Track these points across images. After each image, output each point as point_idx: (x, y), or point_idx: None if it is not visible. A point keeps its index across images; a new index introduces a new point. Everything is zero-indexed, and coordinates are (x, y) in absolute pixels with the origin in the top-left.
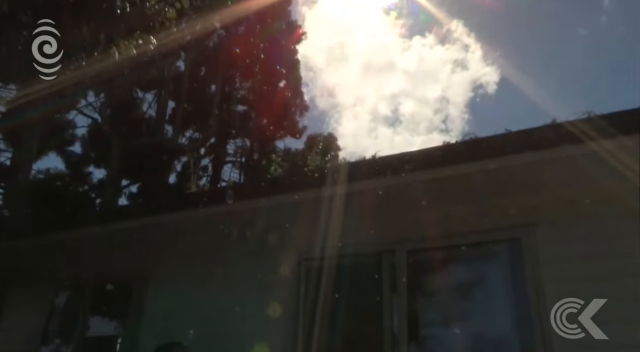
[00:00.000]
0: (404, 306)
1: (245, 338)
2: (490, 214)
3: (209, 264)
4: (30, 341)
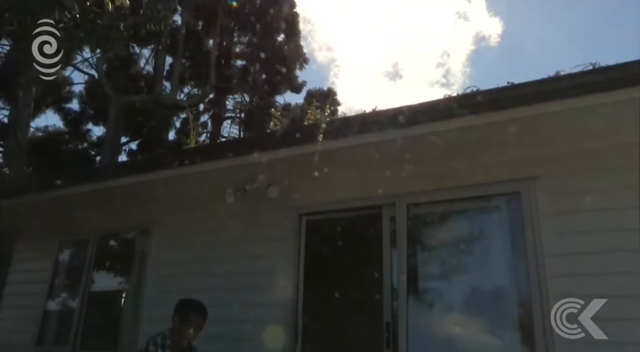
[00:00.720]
0: (403, 259)
1: (246, 290)
2: (490, 168)
3: (210, 218)
4: (36, 296)
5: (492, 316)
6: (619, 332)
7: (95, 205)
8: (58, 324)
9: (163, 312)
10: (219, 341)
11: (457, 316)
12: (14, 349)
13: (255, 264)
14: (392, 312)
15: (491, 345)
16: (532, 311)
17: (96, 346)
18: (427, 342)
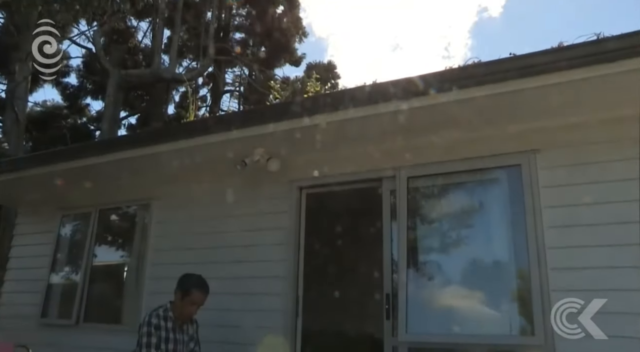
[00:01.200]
0: (403, 231)
1: (247, 262)
2: (491, 140)
3: (210, 191)
4: (39, 270)
5: (491, 288)
6: (616, 303)
7: (96, 179)
8: (62, 297)
9: (165, 284)
10: (221, 313)
11: (456, 287)
12: (20, 321)
13: (256, 237)
14: (392, 284)
15: (489, 316)
16: (530, 282)
17: (99, 318)
18: (426, 314)
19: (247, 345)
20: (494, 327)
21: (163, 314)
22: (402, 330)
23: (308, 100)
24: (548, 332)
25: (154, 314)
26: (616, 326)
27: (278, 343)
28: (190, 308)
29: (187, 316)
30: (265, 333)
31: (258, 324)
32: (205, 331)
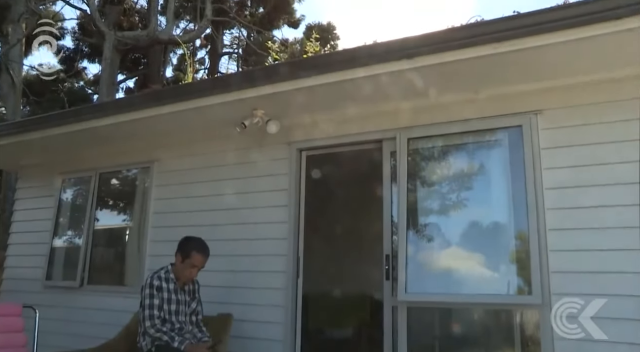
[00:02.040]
0: (403, 193)
1: (248, 224)
2: (492, 101)
3: (210, 153)
4: (42, 233)
5: (490, 249)
6: (615, 262)
7: (95, 142)
8: (65, 260)
9: (166, 247)
10: (222, 274)
11: (455, 249)
12: (25, 284)
13: (256, 200)
14: (392, 245)
15: (488, 276)
16: (528, 243)
17: (103, 280)
18: (425, 275)
19: (249, 305)
20: (492, 287)
21: (164, 275)
22: (401, 290)
23: (307, 61)
24: (545, 292)
25: (155, 276)
26: (614, 284)
27: (279, 303)
28: (190, 271)
29: (188, 278)
30: (267, 294)
31: (260, 285)
32: (207, 291)
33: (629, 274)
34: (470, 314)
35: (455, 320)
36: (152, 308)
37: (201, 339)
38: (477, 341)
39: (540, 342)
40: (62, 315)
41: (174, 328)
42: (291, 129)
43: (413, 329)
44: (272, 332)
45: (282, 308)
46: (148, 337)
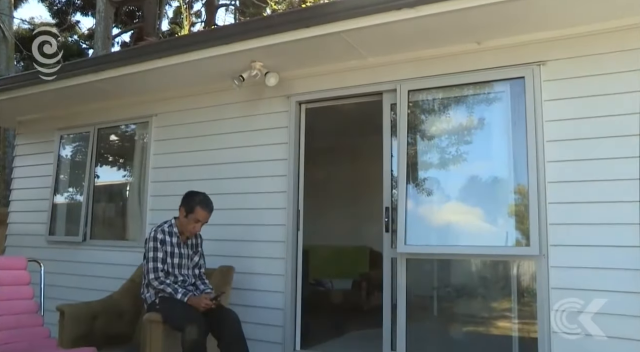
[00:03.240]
0: (403, 146)
1: (247, 178)
2: (494, 52)
3: (209, 107)
4: (42, 190)
5: (489, 202)
6: (613, 216)
7: (92, 98)
8: (68, 216)
9: (166, 201)
10: (224, 228)
11: (454, 202)
12: (29, 239)
13: (256, 153)
14: (392, 198)
15: (487, 229)
16: (528, 195)
17: (105, 235)
18: (425, 227)
19: (251, 258)
20: (491, 239)
21: (168, 229)
22: (400, 242)
23: (306, 11)
24: (543, 243)
25: (159, 230)
26: (611, 236)
27: (280, 256)
28: (194, 225)
29: (191, 232)
30: (268, 247)
31: (260, 238)
32: (209, 245)
33: (629, 226)
34: (468, 266)
35: (453, 272)
36: (156, 261)
37: (204, 291)
38: (474, 292)
39: (536, 292)
40: (66, 269)
41: (177, 281)
42: (290, 82)
43: (412, 281)
44: (274, 284)
45: (282, 260)
46: (151, 289)
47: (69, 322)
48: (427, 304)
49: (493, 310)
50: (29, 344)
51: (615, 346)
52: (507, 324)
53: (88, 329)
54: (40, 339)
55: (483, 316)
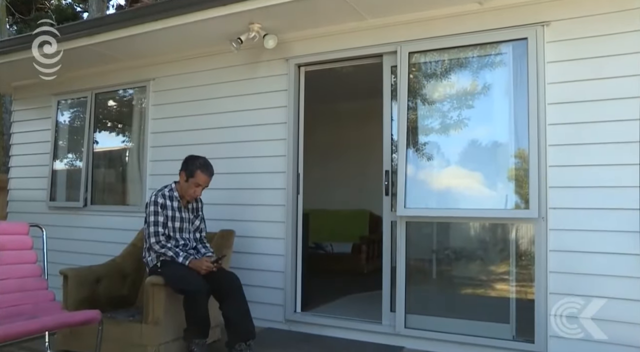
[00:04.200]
0: (403, 110)
1: (247, 142)
2: (497, 12)
3: (207, 71)
4: (42, 156)
5: (490, 167)
6: (613, 178)
7: (88, 62)
8: (68, 182)
9: (166, 166)
10: (225, 192)
11: (454, 166)
12: (30, 205)
13: (255, 117)
14: (392, 162)
15: (487, 193)
16: (528, 158)
17: (106, 200)
18: (425, 191)
19: (251, 222)
20: (490, 202)
21: (168, 193)
22: (400, 205)
23: None
24: (542, 206)
25: (159, 194)
26: (611, 198)
27: (280, 219)
28: (195, 190)
29: (192, 196)
30: (268, 210)
31: (261, 202)
32: (210, 209)
33: (629, 189)
34: (468, 229)
35: (452, 235)
36: (157, 225)
37: (205, 255)
38: (473, 255)
39: (534, 255)
40: (67, 234)
41: (178, 244)
42: (289, 44)
43: (411, 243)
44: (274, 247)
45: (283, 224)
46: (153, 253)
47: (72, 285)
48: (426, 266)
49: (491, 273)
50: (34, 306)
51: (611, 306)
52: (504, 287)
53: (91, 293)
54: (45, 302)
55: (481, 278)
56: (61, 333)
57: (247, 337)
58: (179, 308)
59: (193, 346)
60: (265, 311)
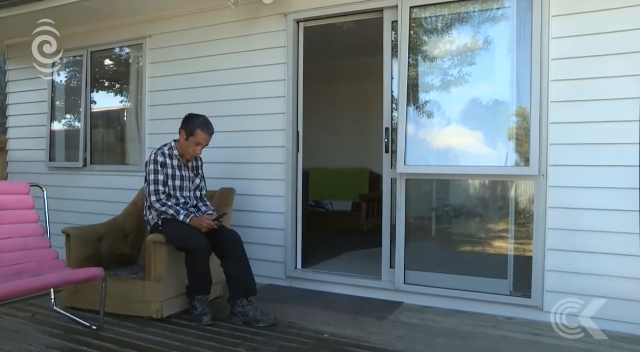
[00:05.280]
0: (404, 67)
1: (246, 100)
2: None
3: (205, 28)
4: (39, 116)
5: (491, 125)
6: (614, 135)
7: (83, 19)
8: (67, 143)
9: (165, 125)
10: (225, 151)
11: (455, 124)
12: (30, 166)
13: (254, 74)
14: (392, 120)
15: (487, 150)
16: (530, 115)
17: (105, 160)
18: (425, 149)
19: (251, 180)
20: (491, 160)
21: (168, 152)
22: (400, 162)
23: None
24: (542, 163)
25: (159, 153)
26: (612, 155)
27: (280, 178)
28: (195, 148)
29: (192, 155)
30: (268, 169)
31: (261, 160)
32: (210, 168)
33: (629, 146)
34: (467, 188)
35: (452, 193)
36: (157, 184)
37: (206, 213)
38: (473, 213)
39: (533, 212)
40: (68, 195)
41: (178, 203)
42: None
43: (411, 201)
44: (274, 205)
45: (283, 182)
46: (154, 211)
47: (75, 244)
48: (426, 224)
49: (490, 230)
50: (39, 264)
51: (605, 260)
52: (503, 244)
53: (94, 251)
54: (49, 261)
55: (480, 236)
56: (66, 291)
57: (248, 293)
58: (181, 265)
59: (195, 302)
60: (267, 268)
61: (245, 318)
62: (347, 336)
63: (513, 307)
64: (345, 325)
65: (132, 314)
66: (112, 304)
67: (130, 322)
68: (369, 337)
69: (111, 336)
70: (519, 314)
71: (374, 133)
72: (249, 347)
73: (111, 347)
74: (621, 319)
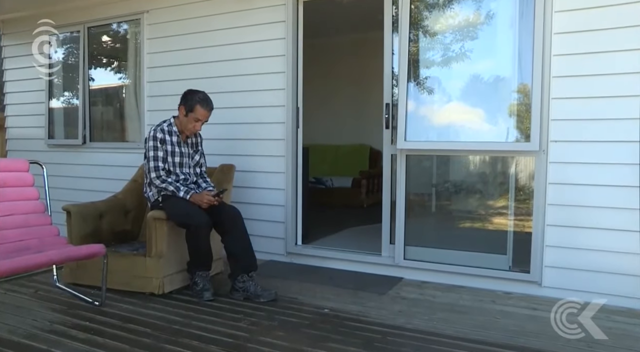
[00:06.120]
0: (405, 43)
1: (245, 75)
2: None
3: (202, 1)
4: (37, 93)
5: (492, 100)
6: (615, 111)
7: None
8: (65, 120)
9: (163, 101)
10: (225, 127)
11: (455, 101)
12: (29, 143)
13: (253, 50)
14: (392, 96)
15: (487, 127)
16: (531, 90)
17: (104, 137)
18: (425, 125)
19: (251, 156)
20: (491, 135)
21: (167, 128)
22: (400, 138)
23: None
24: (543, 139)
25: (158, 129)
26: (612, 130)
27: (280, 154)
28: (194, 124)
29: (191, 131)
30: (268, 144)
31: (260, 136)
32: (209, 144)
33: (631, 121)
34: (467, 164)
35: (452, 169)
36: (157, 160)
37: (206, 189)
38: (473, 188)
39: (533, 188)
40: (68, 172)
41: (178, 179)
42: None
43: (411, 177)
44: (274, 181)
45: (283, 158)
46: (154, 187)
47: (76, 221)
48: (425, 200)
49: (490, 206)
50: (40, 241)
51: (604, 235)
52: (503, 220)
53: (95, 228)
54: (50, 237)
55: (480, 212)
56: (68, 267)
57: (249, 269)
58: (181, 241)
59: (196, 278)
60: (267, 244)
61: (245, 293)
62: (346, 310)
63: (512, 282)
64: (345, 300)
65: (134, 289)
66: (113, 280)
67: (132, 298)
68: (369, 311)
69: (113, 311)
70: (518, 289)
71: (374, 109)
72: (250, 322)
73: (114, 322)
74: (618, 293)
